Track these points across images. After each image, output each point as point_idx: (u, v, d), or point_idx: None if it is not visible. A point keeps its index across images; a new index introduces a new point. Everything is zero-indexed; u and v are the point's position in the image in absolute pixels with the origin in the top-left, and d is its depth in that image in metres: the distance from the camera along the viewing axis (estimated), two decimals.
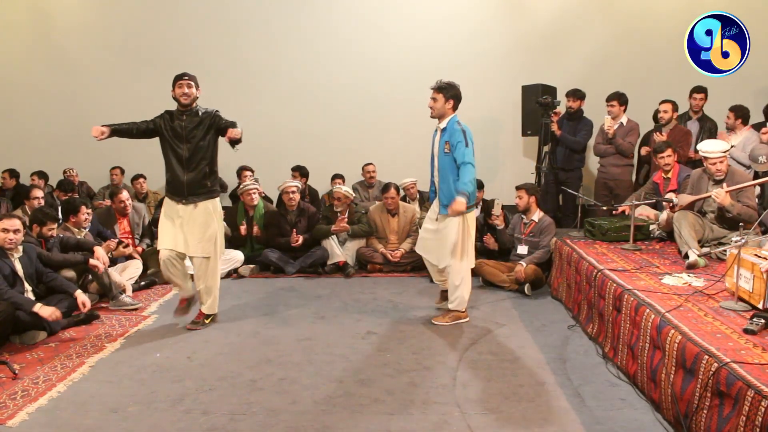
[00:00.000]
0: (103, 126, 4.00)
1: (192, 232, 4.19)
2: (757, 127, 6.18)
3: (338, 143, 7.87)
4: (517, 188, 5.56)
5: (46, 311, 3.98)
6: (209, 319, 4.43)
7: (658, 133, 6.01)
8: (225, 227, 6.24)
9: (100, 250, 4.83)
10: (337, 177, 7.35)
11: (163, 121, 4.18)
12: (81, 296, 4.31)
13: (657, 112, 6.17)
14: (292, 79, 7.85)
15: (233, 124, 4.13)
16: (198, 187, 4.19)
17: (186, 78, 4.19)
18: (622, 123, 6.29)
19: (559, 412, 3.04)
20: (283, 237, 6.12)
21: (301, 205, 6.27)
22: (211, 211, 4.26)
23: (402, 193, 6.83)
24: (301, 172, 7.34)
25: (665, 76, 7.04)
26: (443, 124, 4.30)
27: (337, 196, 6.27)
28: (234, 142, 4.08)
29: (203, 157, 4.20)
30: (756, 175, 5.16)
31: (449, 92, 4.26)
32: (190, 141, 4.14)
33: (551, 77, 7.12)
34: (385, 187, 6.27)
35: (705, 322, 2.98)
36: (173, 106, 4.24)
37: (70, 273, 4.72)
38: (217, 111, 4.24)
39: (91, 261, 4.68)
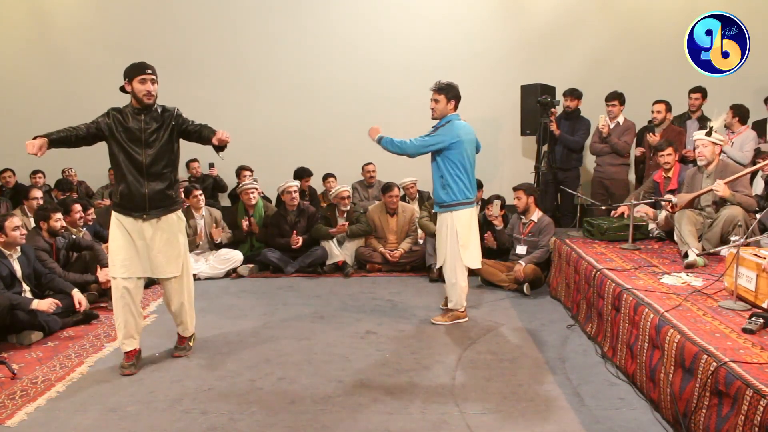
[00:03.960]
0: (37, 138, 3.22)
1: (159, 250, 3.55)
2: (759, 125, 6.19)
3: (338, 143, 7.87)
4: (515, 189, 5.56)
5: (44, 304, 4.01)
6: (192, 341, 3.96)
7: (651, 134, 6.03)
8: (225, 228, 6.26)
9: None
10: (329, 176, 7.37)
11: (112, 121, 3.42)
12: (77, 295, 4.33)
13: (651, 111, 6.19)
14: (292, 79, 7.86)
15: (211, 129, 3.54)
16: (162, 199, 3.53)
17: (149, 72, 3.43)
18: (618, 122, 6.31)
19: (558, 412, 3.04)
20: (283, 237, 6.12)
21: (301, 205, 6.27)
22: (177, 224, 3.64)
23: (402, 192, 6.82)
24: (305, 173, 7.36)
25: (664, 75, 7.06)
26: (435, 123, 4.34)
27: (344, 195, 6.25)
28: (220, 148, 3.51)
29: (167, 163, 3.54)
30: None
31: (451, 93, 4.27)
32: (152, 145, 3.46)
33: (550, 77, 7.12)
34: (388, 187, 6.24)
35: (704, 322, 2.98)
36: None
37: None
38: (177, 109, 3.59)
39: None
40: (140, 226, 3.51)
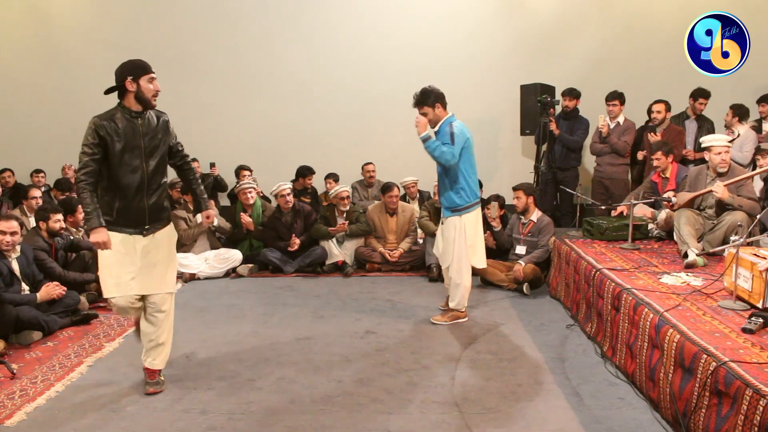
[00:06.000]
0: (95, 232, 3.01)
1: (156, 265, 3.26)
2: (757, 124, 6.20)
3: (338, 143, 7.87)
4: (514, 189, 5.55)
5: (46, 293, 4.17)
6: (162, 375, 3.41)
7: (652, 133, 6.03)
8: (226, 225, 6.26)
9: None
10: (330, 177, 7.38)
11: (106, 133, 3.04)
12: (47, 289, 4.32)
13: (650, 112, 6.19)
14: (292, 79, 7.85)
15: (203, 196, 3.57)
16: (160, 212, 3.28)
17: (153, 71, 3.17)
18: (618, 122, 6.32)
19: (558, 412, 3.04)
20: (280, 239, 6.12)
21: (296, 206, 6.26)
22: (172, 238, 3.40)
23: (402, 191, 6.83)
24: (308, 171, 7.36)
25: (663, 75, 7.06)
26: (436, 128, 4.30)
27: (344, 195, 6.26)
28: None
29: (164, 172, 3.29)
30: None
31: (430, 99, 4.21)
32: (153, 154, 3.18)
33: (550, 76, 7.12)
34: (388, 187, 6.23)
35: (703, 322, 2.99)
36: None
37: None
38: (168, 120, 3.30)
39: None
40: (136, 241, 3.19)
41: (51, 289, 4.25)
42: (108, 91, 3.18)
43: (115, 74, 3.14)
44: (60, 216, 4.79)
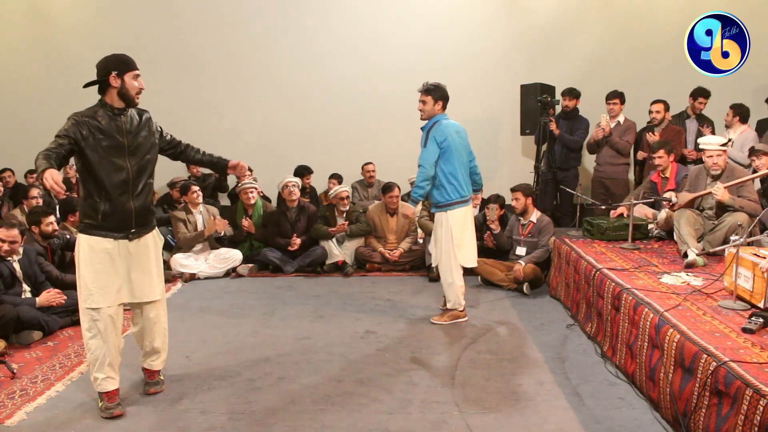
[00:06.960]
0: (51, 170, 2.64)
1: (145, 270, 3.14)
2: (762, 124, 6.19)
3: (338, 143, 7.88)
4: (513, 190, 5.54)
5: (46, 299, 4.15)
6: (161, 375, 3.43)
7: (651, 133, 6.03)
8: (227, 226, 6.26)
9: None
10: (333, 177, 7.38)
11: (88, 131, 2.90)
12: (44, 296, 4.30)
13: (650, 111, 6.20)
14: (292, 79, 7.86)
15: (216, 156, 3.43)
16: (146, 215, 3.13)
17: (138, 68, 3.05)
18: (619, 122, 6.32)
19: (558, 412, 3.04)
20: (282, 236, 6.12)
21: (301, 203, 6.27)
22: (158, 242, 3.27)
23: (403, 191, 6.83)
24: (306, 171, 7.37)
25: (663, 75, 7.06)
26: (423, 126, 4.36)
27: (344, 195, 6.26)
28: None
29: (151, 173, 3.14)
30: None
31: (437, 94, 4.28)
32: (136, 153, 3.02)
33: (550, 76, 7.12)
34: (389, 187, 6.23)
35: (703, 321, 2.99)
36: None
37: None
38: (150, 116, 3.16)
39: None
40: (122, 247, 3.05)
41: (51, 297, 4.22)
42: (88, 85, 3.04)
43: (98, 68, 2.99)
44: (52, 218, 4.74)
